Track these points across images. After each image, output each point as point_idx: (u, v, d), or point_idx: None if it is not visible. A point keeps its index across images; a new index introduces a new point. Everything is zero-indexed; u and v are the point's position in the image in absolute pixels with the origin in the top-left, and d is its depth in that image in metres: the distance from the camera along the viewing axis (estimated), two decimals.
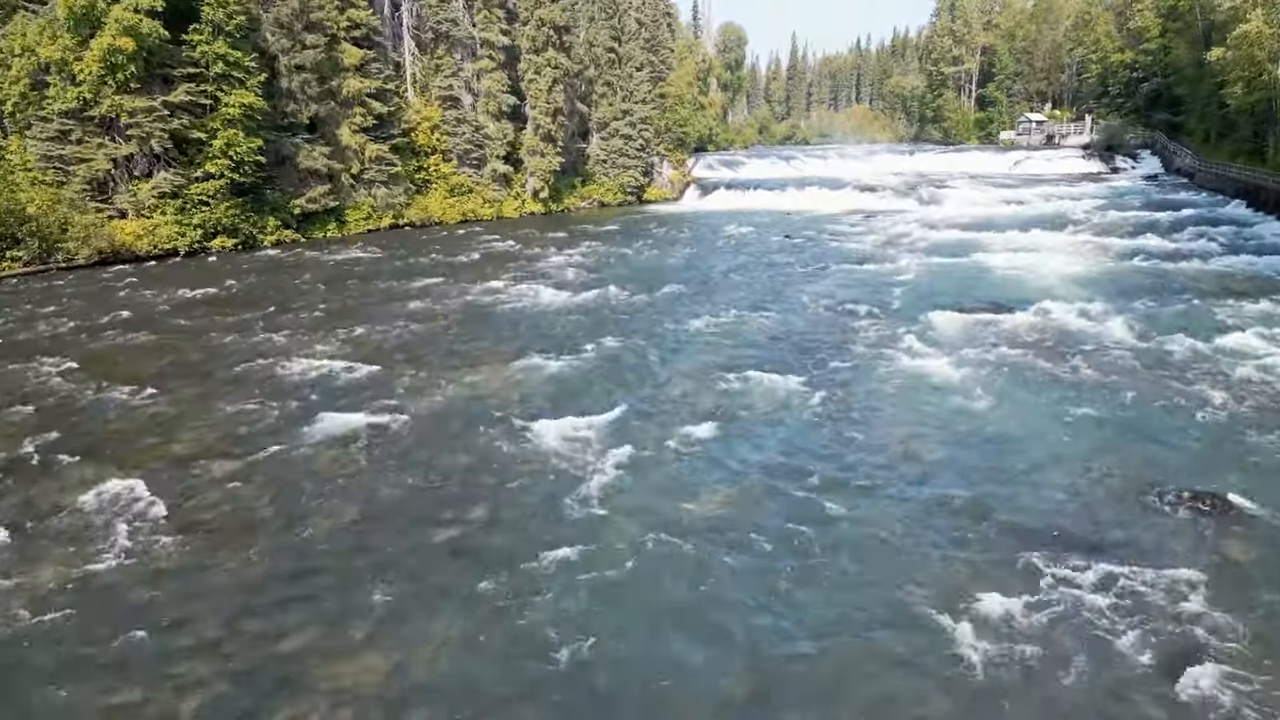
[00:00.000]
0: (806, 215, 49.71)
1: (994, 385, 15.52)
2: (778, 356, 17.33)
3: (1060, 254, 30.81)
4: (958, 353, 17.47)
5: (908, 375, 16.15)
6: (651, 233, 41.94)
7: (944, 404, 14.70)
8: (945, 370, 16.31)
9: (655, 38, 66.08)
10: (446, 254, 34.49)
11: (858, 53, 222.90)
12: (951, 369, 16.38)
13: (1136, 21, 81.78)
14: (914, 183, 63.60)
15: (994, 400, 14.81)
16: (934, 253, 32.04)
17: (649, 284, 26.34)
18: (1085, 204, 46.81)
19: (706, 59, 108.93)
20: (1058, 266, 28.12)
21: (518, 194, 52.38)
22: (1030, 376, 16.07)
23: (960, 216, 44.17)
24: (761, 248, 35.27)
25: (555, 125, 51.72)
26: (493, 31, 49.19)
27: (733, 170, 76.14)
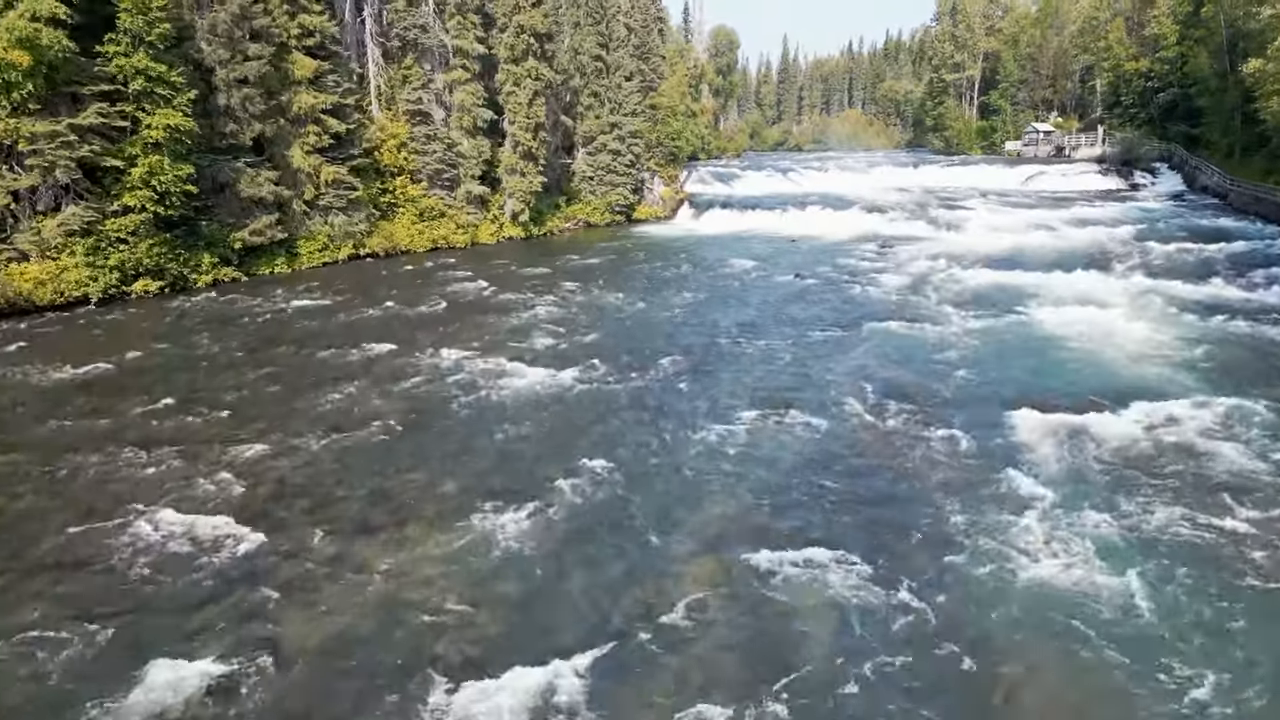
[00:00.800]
0: (813, 242, 45.13)
1: (1147, 577, 10.87)
2: (822, 522, 12.49)
3: (1122, 307, 26.25)
4: (1073, 505, 12.82)
5: (1010, 560, 11.42)
6: (642, 268, 37.21)
7: (1098, 631, 10.00)
8: (1065, 548, 11.62)
9: (645, 45, 61.41)
10: (405, 301, 29.63)
11: (849, 55, 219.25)
12: (1074, 543, 11.70)
13: (1152, 28, 77.66)
14: (923, 201, 59.19)
15: (1160, 614, 10.15)
16: (971, 303, 27.44)
17: (640, 356, 21.61)
18: (1119, 232, 42.38)
19: (698, 64, 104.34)
20: (1128, 329, 23.54)
21: (495, 217, 47.58)
22: (1192, 553, 11.44)
23: (986, 248, 39.66)
24: (769, 292, 30.59)
25: (536, 142, 46.95)
26: (467, 39, 44.38)
27: (728, 185, 71.62)
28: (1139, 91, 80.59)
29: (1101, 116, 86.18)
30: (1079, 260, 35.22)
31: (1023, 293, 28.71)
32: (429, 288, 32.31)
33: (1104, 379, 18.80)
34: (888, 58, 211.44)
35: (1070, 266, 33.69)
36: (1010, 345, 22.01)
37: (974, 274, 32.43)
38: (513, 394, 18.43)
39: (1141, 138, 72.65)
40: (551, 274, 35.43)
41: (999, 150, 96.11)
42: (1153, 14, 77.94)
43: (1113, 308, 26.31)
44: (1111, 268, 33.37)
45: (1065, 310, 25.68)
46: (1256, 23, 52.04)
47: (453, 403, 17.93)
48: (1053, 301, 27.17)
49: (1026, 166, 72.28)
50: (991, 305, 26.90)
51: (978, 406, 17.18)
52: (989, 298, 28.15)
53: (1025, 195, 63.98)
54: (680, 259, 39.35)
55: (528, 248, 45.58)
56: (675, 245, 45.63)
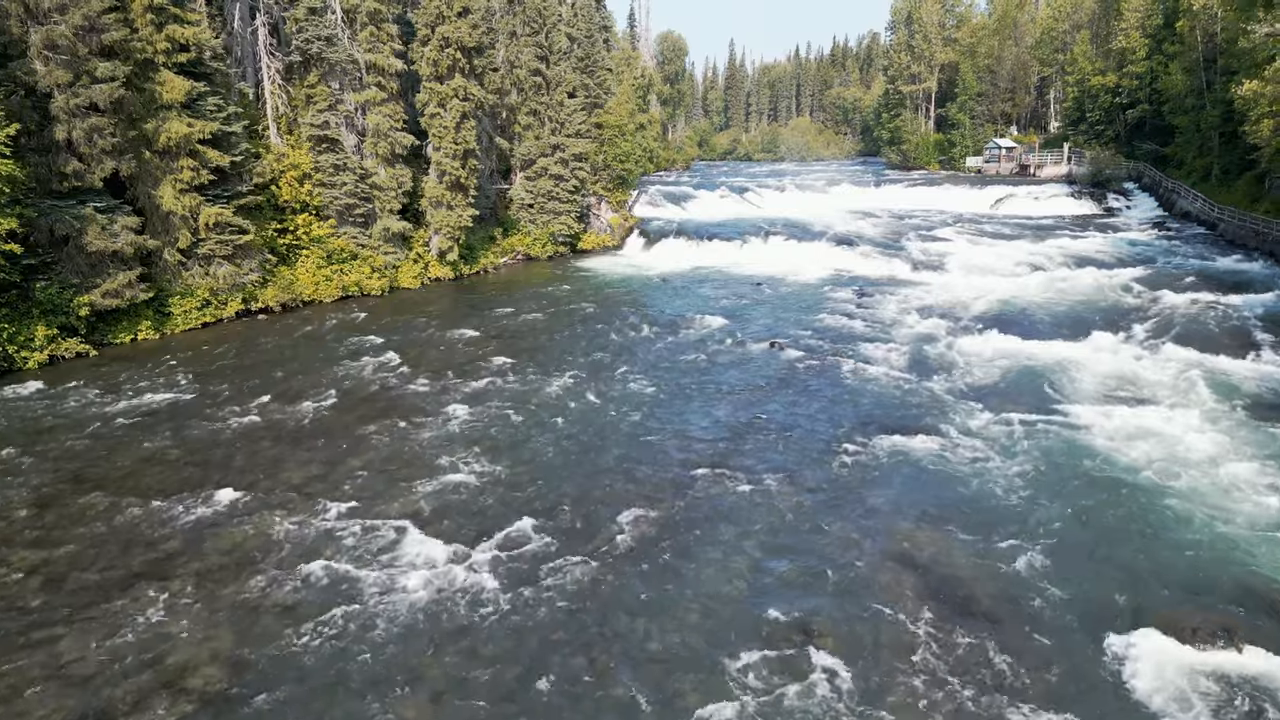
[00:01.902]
0: (780, 285, 39.92)
1: None
2: None
3: (1172, 401, 21.35)
4: None
5: None
6: (588, 329, 31.46)
7: None
8: None
9: (590, 57, 55.68)
10: (286, 393, 23.46)
11: (797, 61, 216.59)
12: None
13: (1119, 42, 74.41)
14: (895, 229, 54.59)
15: None
16: (993, 395, 22.31)
17: (587, 512, 15.92)
18: (1121, 275, 37.91)
19: (646, 73, 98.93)
20: (1199, 445, 18.55)
21: (419, 256, 41.40)
22: None
23: (978, 297, 34.84)
24: (745, 374, 25.11)
25: (466, 171, 40.90)
26: (383, 53, 38.17)
27: (681, 208, 66.33)
28: (1106, 107, 77.43)
29: (1065, 133, 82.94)
30: (1091, 318, 30.54)
31: (1048, 375, 23.66)
32: (323, 365, 26.11)
33: (1222, 560, 13.65)
34: (835, 64, 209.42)
35: (1084, 327, 28.98)
36: (1069, 484, 16.78)
37: (980, 343, 27.34)
38: (394, 613, 12.54)
39: (1111, 157, 69.18)
40: (479, 340, 29.48)
41: (958, 165, 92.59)
42: (1120, 26, 74.71)
43: (1162, 403, 21.39)
44: (1132, 331, 28.63)
45: (1113, 413, 20.61)
46: (1248, 41, 48.30)
47: (301, 639, 11.95)
48: (1091, 393, 22.14)
49: (994, 188, 68.28)
50: (1019, 400, 21.76)
51: (1076, 627, 11.84)
52: (1011, 387, 23.01)
53: (997, 220, 59.86)
54: (632, 314, 33.69)
55: (456, 294, 39.49)
56: (625, 289, 39.98)
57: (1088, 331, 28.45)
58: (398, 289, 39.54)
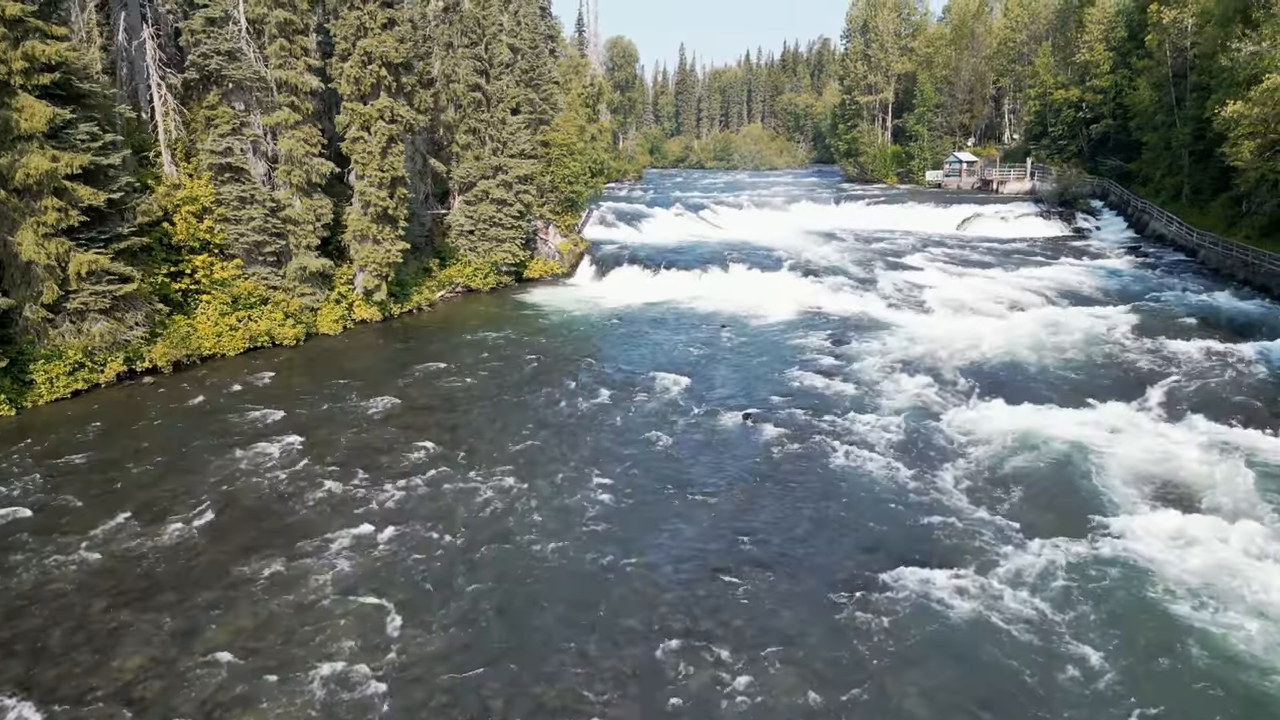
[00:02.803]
0: (746, 327, 36.22)
1: None
2: None
3: (1244, 515, 17.90)
4: None
5: None
6: (532, 387, 27.30)
7: None
8: None
9: (535, 69, 51.40)
10: (150, 508, 18.92)
11: (748, 66, 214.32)
12: None
13: (1083, 55, 72.35)
14: (862, 256, 51.37)
15: None
16: (1014, 503, 18.72)
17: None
18: (1116, 319, 35.07)
19: (596, 81, 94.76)
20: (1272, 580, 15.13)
21: (342, 296, 36.78)
22: None
23: (966, 346, 31.48)
24: (713, 461, 21.22)
25: (394, 201, 36.40)
26: (296, 70, 33.51)
27: (636, 229, 62.46)
28: (1069, 122, 75.41)
29: (1026, 147, 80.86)
30: (1095, 378, 27.33)
31: (1069, 467, 20.16)
32: (206, 457, 21.52)
33: None
34: (786, 70, 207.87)
35: (1091, 391, 25.77)
36: (1145, 652, 13.15)
37: (981, 418, 23.77)
38: None
39: (1077, 175, 66.98)
40: (403, 412, 25.10)
41: (917, 178, 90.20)
42: (1083, 39, 72.65)
43: (1211, 505, 18.03)
44: (1146, 397, 25.37)
45: (1159, 525, 17.14)
46: (1229, 58, 45.95)
47: None
48: (1126, 494, 18.64)
49: (960, 208, 65.53)
50: (1045, 507, 18.19)
51: None
52: (1032, 486, 19.41)
53: (965, 243, 57.02)
54: (583, 370, 29.56)
55: (383, 341, 34.97)
56: (575, 333, 35.85)
57: (1097, 398, 25.12)
58: (317, 336, 34.87)
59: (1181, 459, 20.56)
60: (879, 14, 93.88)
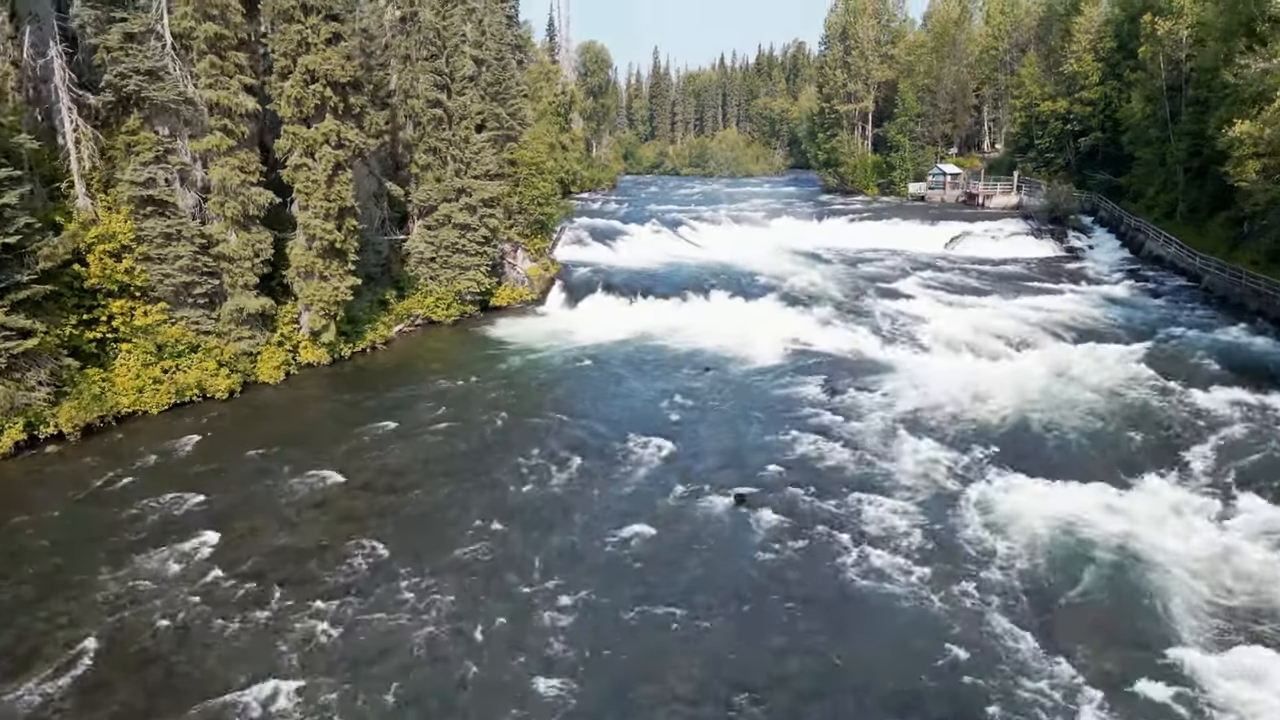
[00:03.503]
0: (731, 369, 33.19)
1: None
2: None
3: None
4: None
5: None
6: (492, 456, 24.05)
7: None
8: None
9: (501, 82, 48.03)
10: (10, 658, 15.47)
11: (722, 70, 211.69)
12: None
13: (1070, 65, 70.06)
14: (849, 280, 48.50)
15: None
16: (1061, 627, 15.80)
17: None
18: (1124, 358, 32.36)
19: (567, 90, 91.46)
20: None
21: (286, 338, 33.26)
22: None
23: (974, 398, 28.60)
24: (701, 565, 18.11)
25: (343, 233, 32.95)
26: (229, 89, 29.95)
27: (610, 248, 59.22)
28: (1056, 134, 73.11)
29: (1011, 159, 78.54)
30: (1124, 439, 24.50)
31: (1117, 570, 17.26)
32: (98, 568, 18.01)
33: None
34: (761, 73, 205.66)
35: (1122, 459, 23.04)
36: None
37: (1005, 496, 20.85)
38: None
39: (1068, 191, 64.58)
40: (341, 497, 21.73)
41: (899, 190, 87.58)
42: (1070, 49, 70.36)
43: None
44: (1187, 466, 22.63)
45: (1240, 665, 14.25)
46: (1232, 74, 43.54)
47: None
48: (1198, 625, 15.73)
49: (947, 225, 62.90)
50: (1103, 638, 15.25)
51: None
52: (1076, 596, 16.49)
53: (955, 264, 54.38)
54: (551, 432, 26.30)
55: (330, 390, 31.51)
56: (544, 378, 32.60)
57: (1129, 471, 22.30)
58: (256, 385, 31.33)
59: (1244, 560, 17.70)
60: (859, 20, 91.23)
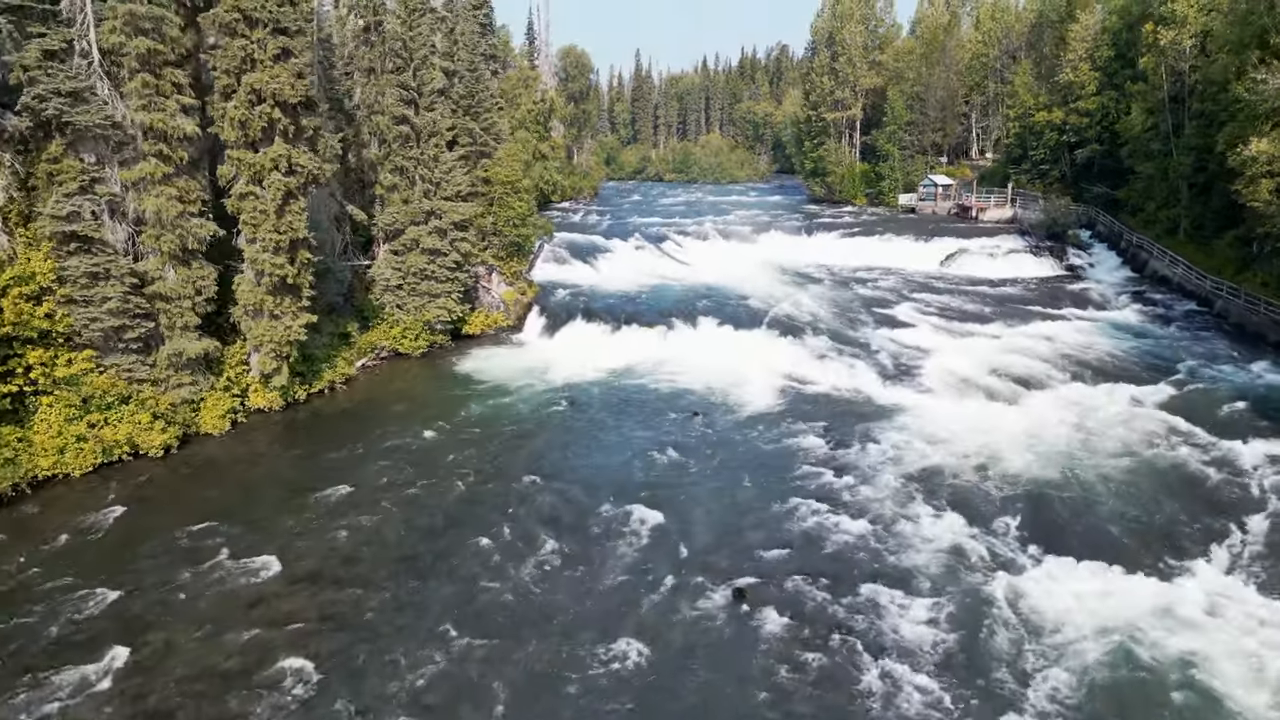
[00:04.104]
0: (723, 417, 30.50)
1: None
2: None
3: None
4: None
5: None
6: (455, 533, 21.19)
7: None
8: None
9: (474, 95, 45.10)
10: None
11: (705, 73, 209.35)
12: None
13: (1066, 75, 67.86)
14: (844, 304, 46.00)
15: None
16: None
17: None
18: (1144, 401, 29.94)
19: (547, 97, 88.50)
20: None
21: (233, 382, 30.21)
22: None
23: (989, 455, 25.99)
24: (699, 688, 15.30)
25: (295, 267, 29.92)
26: (165, 111, 26.84)
27: (592, 266, 56.51)
28: (1051, 145, 70.92)
29: (1005, 170, 76.33)
30: (1164, 513, 21.90)
31: (1192, 702, 14.61)
32: None
33: None
34: (744, 76, 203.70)
35: (1163, 534, 20.57)
36: None
37: (1042, 587, 18.21)
38: None
39: (1066, 206, 62.31)
40: (278, 584, 18.79)
41: (888, 200, 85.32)
42: (1066, 58, 68.15)
43: None
44: (1239, 552, 20.07)
45: None
46: (1246, 89, 41.27)
47: None
48: None
49: (941, 241, 60.49)
50: None
51: None
52: None
53: (952, 285, 51.97)
54: (521, 494, 23.47)
55: (281, 443, 28.48)
56: (517, 427, 29.69)
57: (1178, 551, 19.81)
58: (197, 438, 28.25)
59: None
60: (846, 26, 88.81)
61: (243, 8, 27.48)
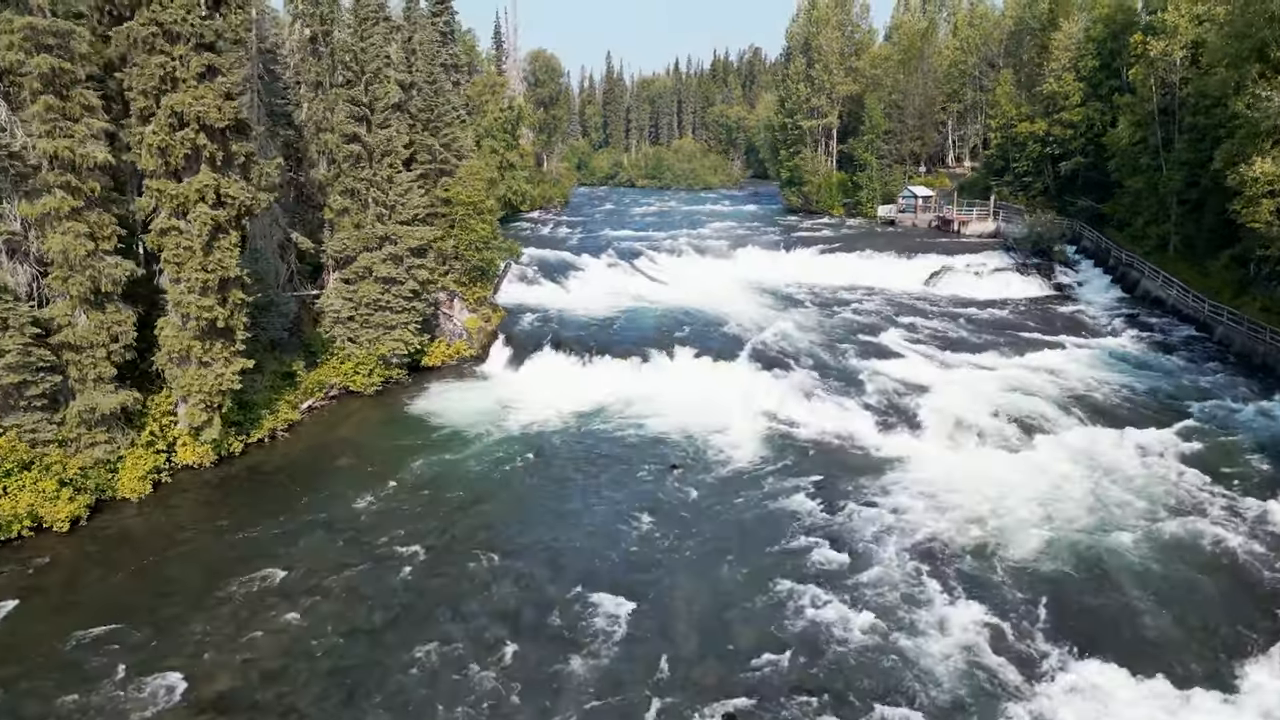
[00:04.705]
0: (702, 471, 27.78)
1: None
2: None
3: None
4: None
5: None
6: (401, 614, 18.28)
7: None
8: None
9: (434, 109, 42.00)
10: None
11: (677, 76, 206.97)
12: None
13: (1049, 85, 65.91)
14: (829, 330, 43.49)
15: None
16: None
17: None
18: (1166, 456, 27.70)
19: (515, 104, 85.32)
20: None
21: (157, 435, 27.01)
22: None
23: (998, 518, 23.50)
24: None
25: (227, 308, 26.75)
26: (73, 138, 23.60)
27: (563, 287, 53.83)
28: (1034, 157, 69.00)
29: (987, 181, 74.33)
30: (1218, 609, 19.41)
31: None
32: None
33: None
34: (716, 79, 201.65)
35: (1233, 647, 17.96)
36: None
37: (1083, 710, 15.61)
38: None
39: (1052, 220, 60.30)
40: (186, 710, 15.73)
41: (866, 211, 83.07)
42: (1050, 68, 66.20)
43: None
44: None
45: None
46: (1252, 109, 39.23)
47: None
48: None
49: (925, 259, 58.24)
50: None
51: None
52: None
53: (939, 307, 49.71)
54: (476, 577, 20.61)
55: (209, 507, 25.34)
56: (476, 485, 26.78)
57: (1231, 650, 17.38)
58: (112, 504, 25.02)
59: None
60: (822, 32, 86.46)
61: (161, 21, 24.31)
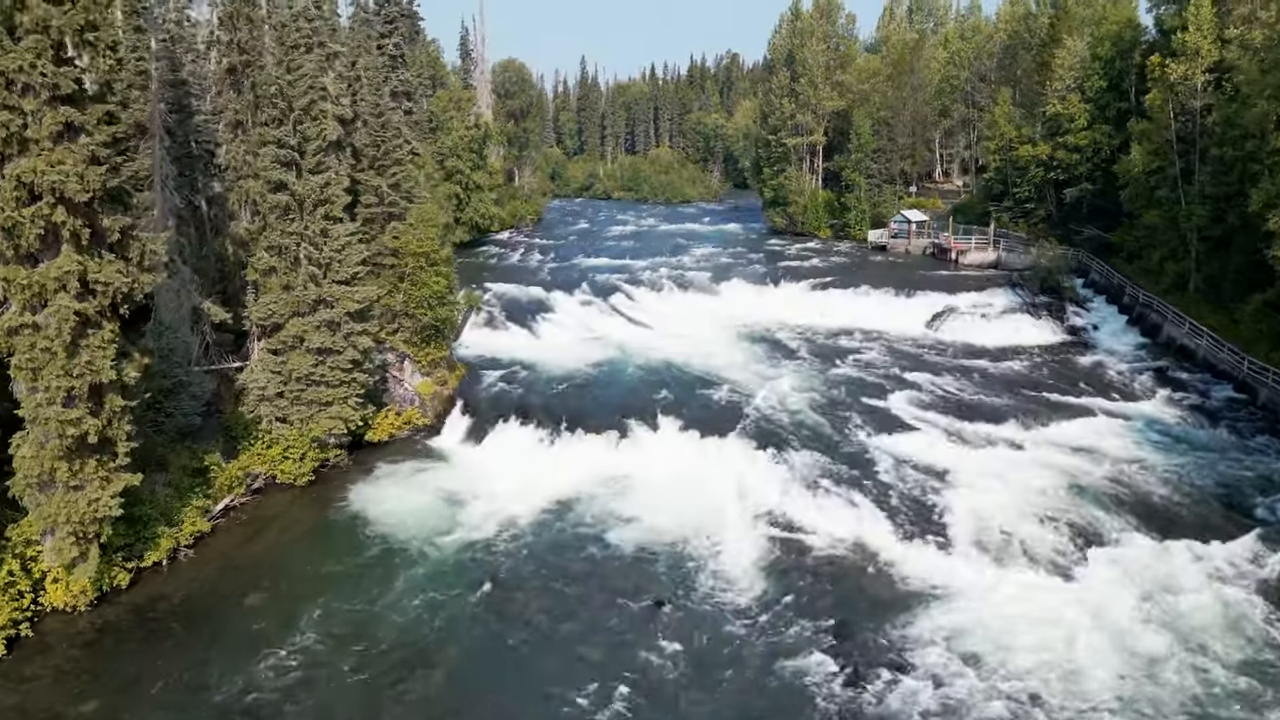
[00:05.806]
0: (693, 608, 22.87)
1: None
2: None
3: None
4: None
5: None
6: None
7: None
8: None
9: (381, 144, 36.71)
10: None
11: (653, 82, 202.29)
12: None
13: (1053, 106, 61.65)
14: (828, 389, 38.78)
15: None
16: None
17: None
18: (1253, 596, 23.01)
19: (482, 122, 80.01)
20: None
21: (16, 576, 21.67)
22: None
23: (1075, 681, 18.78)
24: None
25: (103, 418, 21.43)
26: None
27: (532, 333, 49.38)
28: (1036, 182, 64.74)
29: (988, 208, 69.94)
30: None
31: None
32: None
33: None
34: (693, 85, 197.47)
35: None
36: None
37: None
38: None
39: (1060, 254, 56.05)
40: None
41: (855, 234, 78.44)
42: (1053, 88, 61.89)
43: None
44: None
45: None
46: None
47: None
48: None
49: (925, 297, 53.66)
50: None
51: None
52: None
53: (947, 356, 45.21)
54: None
55: (76, 675, 20.06)
56: (412, 628, 21.66)
57: None
58: None
59: None
60: (807, 44, 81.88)
61: (3, 68, 18.96)
